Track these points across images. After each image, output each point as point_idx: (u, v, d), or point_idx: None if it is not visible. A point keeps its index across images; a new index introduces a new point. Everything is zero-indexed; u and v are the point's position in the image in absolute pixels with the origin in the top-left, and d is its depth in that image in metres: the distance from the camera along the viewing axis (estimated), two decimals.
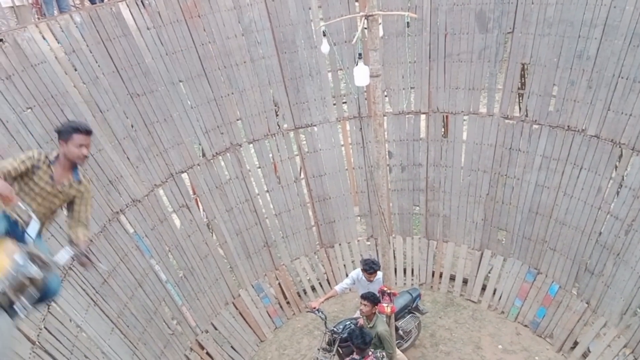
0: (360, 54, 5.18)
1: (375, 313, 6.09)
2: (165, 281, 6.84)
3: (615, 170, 6.72)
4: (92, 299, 5.41)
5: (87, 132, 3.47)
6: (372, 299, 5.98)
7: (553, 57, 7.10)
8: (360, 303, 6.08)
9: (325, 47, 5.33)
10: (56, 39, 5.86)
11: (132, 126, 6.68)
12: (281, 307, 8.44)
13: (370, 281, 6.64)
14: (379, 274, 6.62)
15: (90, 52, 6.19)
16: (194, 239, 7.42)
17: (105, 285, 5.70)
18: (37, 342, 4.35)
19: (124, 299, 5.96)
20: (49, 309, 4.73)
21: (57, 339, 4.63)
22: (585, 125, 6.93)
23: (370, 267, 6.57)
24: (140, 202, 6.61)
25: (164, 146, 7.06)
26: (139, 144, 6.71)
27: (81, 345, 4.91)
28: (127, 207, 6.40)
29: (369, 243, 9.00)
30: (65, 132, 3.40)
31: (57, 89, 5.68)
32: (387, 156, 8.54)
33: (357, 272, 6.90)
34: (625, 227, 6.51)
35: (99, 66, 6.27)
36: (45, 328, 4.57)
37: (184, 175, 7.38)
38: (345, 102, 8.69)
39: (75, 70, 6.04)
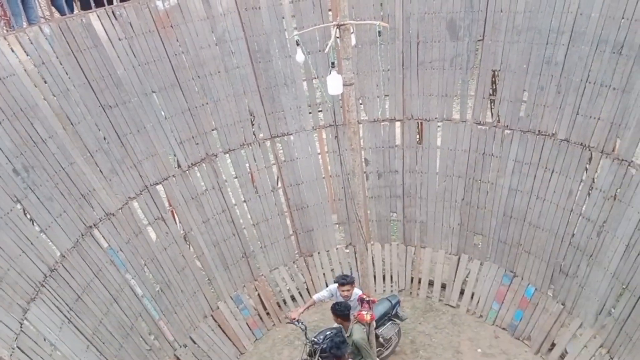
0: (333, 63, 5.21)
1: (348, 324, 6.14)
2: (141, 296, 6.71)
3: (586, 172, 6.88)
4: (65, 316, 5.27)
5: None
6: (337, 313, 6.26)
7: (523, 63, 7.26)
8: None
9: (300, 56, 5.35)
10: (25, 52, 5.74)
11: (104, 138, 6.56)
12: (261, 318, 8.37)
13: (347, 298, 6.63)
14: (356, 292, 6.60)
15: (61, 64, 6.08)
16: (171, 251, 7.31)
17: (79, 302, 5.56)
18: None
19: (99, 315, 5.82)
20: (21, 327, 4.60)
21: (30, 359, 4.50)
22: (555, 129, 7.08)
23: (342, 279, 6.63)
24: (114, 215, 6.49)
25: (138, 158, 6.95)
26: (111, 156, 6.60)
27: None
28: (101, 221, 6.27)
29: (347, 251, 9.01)
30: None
31: (27, 102, 5.56)
32: (364, 163, 8.58)
33: (334, 287, 6.88)
34: (597, 229, 6.66)
35: (69, 78, 6.15)
36: (18, 347, 4.45)
37: (159, 187, 7.28)
38: (320, 111, 8.71)
39: (45, 82, 5.92)
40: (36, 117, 5.63)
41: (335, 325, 6.80)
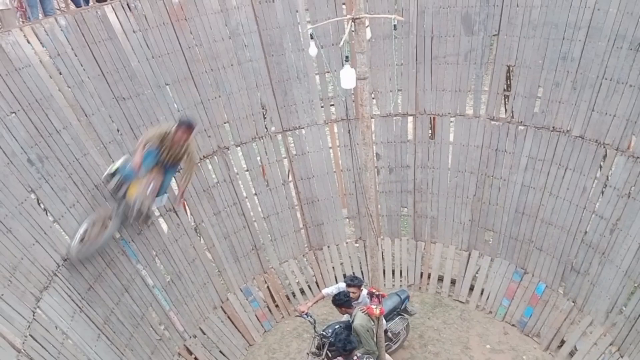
0: (347, 57, 5.19)
1: (350, 311, 6.23)
2: (152, 286, 6.77)
3: (600, 170, 6.80)
4: (77, 305, 5.34)
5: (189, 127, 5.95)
6: (336, 303, 6.46)
7: (538, 59, 7.17)
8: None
9: (313, 50, 5.33)
10: (41, 43, 5.79)
11: (117, 130, 6.61)
12: (270, 310, 8.41)
13: (354, 300, 6.66)
14: (364, 295, 6.63)
15: (76, 56, 6.12)
16: (182, 243, 7.36)
17: (91, 291, 5.63)
18: (22, 350, 4.29)
19: (110, 305, 5.89)
20: (33, 316, 4.67)
21: (42, 347, 4.57)
22: (570, 126, 7.01)
23: (350, 280, 6.71)
24: None
25: None
26: (124, 148, 6.63)
27: (67, 352, 4.84)
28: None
29: (357, 245, 9.01)
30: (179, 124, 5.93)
31: (42, 93, 5.61)
32: (375, 158, 8.56)
33: (343, 285, 6.90)
34: (610, 226, 6.60)
35: (84, 70, 6.20)
36: (31, 335, 4.51)
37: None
38: (332, 105, 8.69)
39: (60, 74, 5.97)
40: (51, 108, 5.68)
41: (344, 318, 6.83)
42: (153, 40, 6.98)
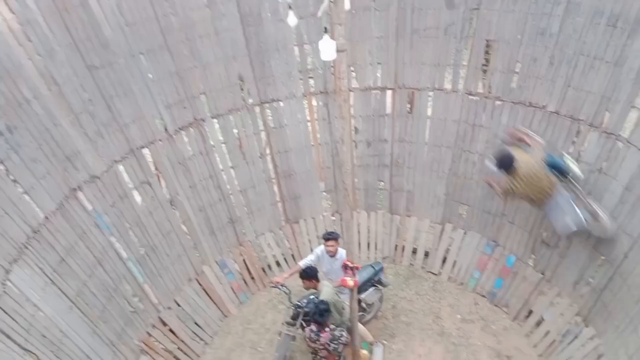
0: (326, 28, 5.09)
1: (316, 285, 6.45)
2: (126, 259, 6.73)
3: (573, 145, 6.90)
4: (49, 277, 5.29)
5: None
6: (306, 276, 6.51)
7: (517, 33, 7.15)
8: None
9: (292, 20, 5.22)
10: (10, 9, 5.54)
11: (89, 100, 6.44)
12: (245, 282, 8.47)
13: (333, 256, 6.72)
14: (342, 252, 6.68)
15: (46, 23, 5.88)
16: (156, 215, 7.30)
17: (63, 264, 5.57)
18: None
19: (83, 277, 5.85)
20: (3, 288, 4.61)
21: (12, 319, 4.54)
22: (546, 101, 7.06)
23: (327, 234, 6.77)
24: (99, 178, 6.44)
25: (124, 121, 6.85)
26: (97, 118, 6.49)
27: (38, 325, 4.82)
28: (85, 183, 6.23)
29: (334, 218, 9.06)
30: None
31: (12, 62, 5.40)
32: (354, 132, 8.54)
33: (320, 249, 6.97)
34: None
35: (54, 37, 5.96)
36: (1, 308, 4.48)
37: (145, 151, 7.21)
38: (311, 77, 8.59)
39: (30, 41, 5.75)
40: (20, 77, 5.49)
41: (308, 293, 6.93)
42: (126, 8, 6.73)
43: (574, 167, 6.44)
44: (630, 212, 6.05)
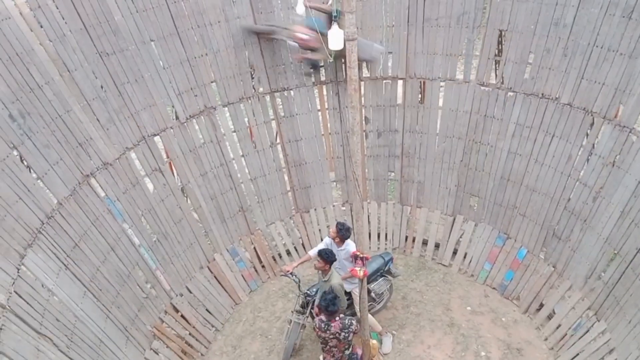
0: (335, 17, 5.06)
1: (329, 269, 6.33)
2: (138, 245, 6.79)
3: (586, 138, 6.84)
4: (63, 263, 5.34)
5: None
6: (324, 257, 6.26)
7: (530, 24, 7.07)
8: (316, 258, 6.37)
9: (300, 8, 5.20)
10: None
11: (101, 87, 6.46)
12: (256, 270, 8.51)
13: (340, 247, 6.71)
14: (350, 243, 6.67)
15: (57, 8, 5.89)
16: (168, 203, 7.34)
17: (76, 249, 5.63)
18: (7, 306, 4.30)
19: (97, 263, 5.90)
20: (18, 272, 4.66)
21: (28, 303, 4.58)
22: (559, 93, 6.99)
23: (339, 224, 6.64)
24: (112, 165, 6.48)
25: (135, 108, 6.87)
26: (109, 105, 6.52)
27: (53, 309, 4.87)
28: (98, 170, 6.27)
29: (344, 208, 9.06)
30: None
31: (23, 47, 5.43)
32: (364, 122, 8.51)
33: (328, 239, 6.95)
34: (594, 194, 6.69)
35: (65, 23, 5.99)
36: (16, 292, 4.52)
37: (157, 139, 7.23)
38: (322, 66, 8.55)
39: (41, 27, 5.77)
40: (32, 62, 5.52)
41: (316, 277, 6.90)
42: None
43: None
44: None
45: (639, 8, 5.93)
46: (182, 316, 7.37)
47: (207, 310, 7.74)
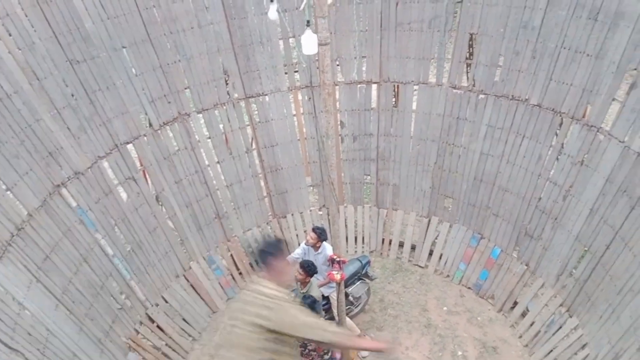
0: (308, 21, 5.08)
1: (309, 280, 6.32)
2: (112, 255, 6.66)
3: (556, 138, 7.00)
4: (34, 275, 5.22)
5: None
6: (306, 269, 6.27)
7: (500, 27, 7.22)
8: (297, 270, 6.32)
9: (272, 14, 5.20)
10: None
11: (72, 95, 6.34)
12: (233, 278, 8.45)
13: (316, 251, 6.72)
14: (326, 245, 6.69)
15: (26, 16, 5.76)
16: (142, 212, 7.24)
17: (47, 261, 5.50)
18: None
19: (69, 275, 5.78)
20: None
21: None
22: (529, 94, 7.14)
23: (315, 227, 6.71)
24: (83, 174, 6.36)
25: (107, 116, 6.77)
26: (80, 113, 6.40)
27: (24, 323, 4.74)
28: (69, 179, 6.15)
29: (321, 213, 9.08)
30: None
31: None
32: (340, 126, 8.55)
33: (307, 245, 6.94)
34: (563, 193, 6.85)
35: (35, 31, 5.86)
36: None
37: (130, 147, 7.13)
38: (297, 71, 8.58)
39: (10, 35, 5.64)
40: (0, 71, 5.39)
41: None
42: (108, 0, 6.66)
43: None
44: (612, 203, 6.15)
45: (604, 10, 6.10)
46: (158, 326, 7.26)
47: (183, 319, 7.64)
